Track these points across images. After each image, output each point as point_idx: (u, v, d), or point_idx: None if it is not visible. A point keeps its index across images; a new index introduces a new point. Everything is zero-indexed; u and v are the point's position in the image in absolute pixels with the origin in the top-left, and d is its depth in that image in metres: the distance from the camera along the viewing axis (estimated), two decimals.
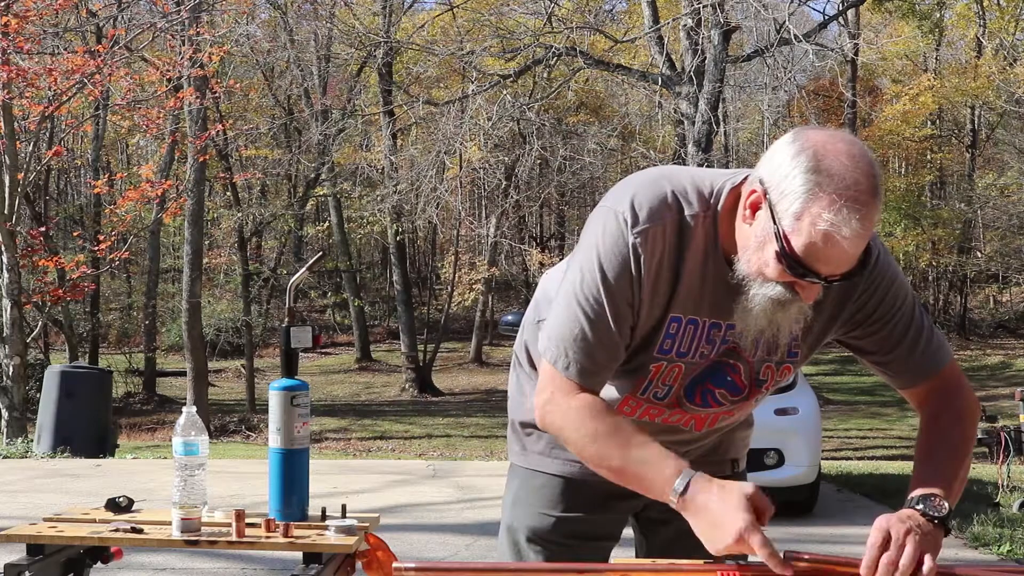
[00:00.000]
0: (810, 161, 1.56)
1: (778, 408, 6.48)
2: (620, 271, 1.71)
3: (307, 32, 23.50)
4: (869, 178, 1.55)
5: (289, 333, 2.71)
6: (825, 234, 1.54)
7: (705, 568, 1.58)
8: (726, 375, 1.85)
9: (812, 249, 1.56)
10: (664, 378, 1.84)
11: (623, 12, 25.31)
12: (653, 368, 1.82)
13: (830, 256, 1.57)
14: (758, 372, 1.86)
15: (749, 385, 1.87)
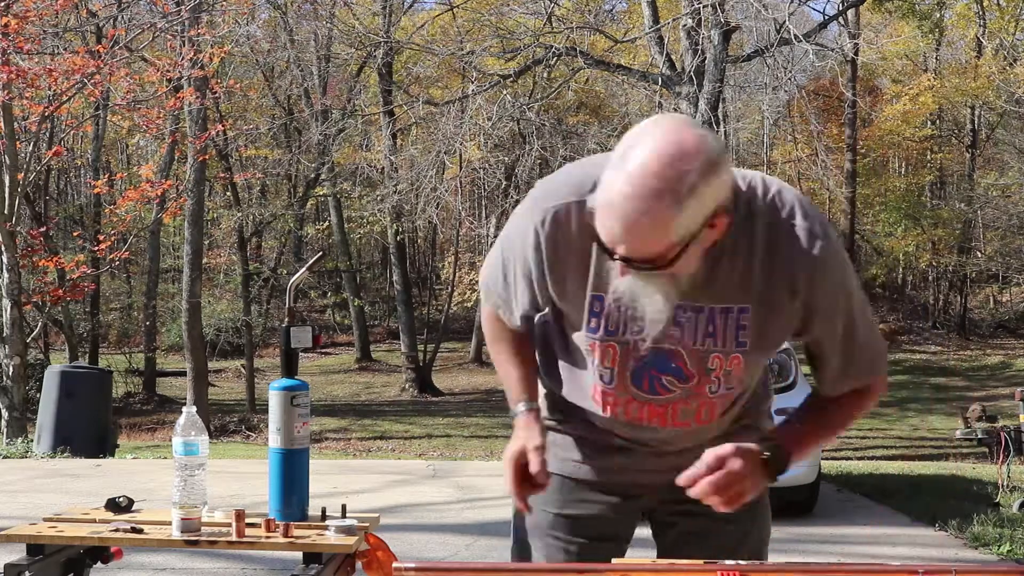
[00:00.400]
0: (628, 142, 1.66)
1: (778, 408, 6.45)
2: (521, 245, 1.88)
3: (307, 32, 23.49)
4: (658, 177, 1.60)
5: (289, 333, 2.73)
6: (607, 206, 1.64)
7: (705, 568, 1.59)
8: (670, 361, 1.87)
9: (602, 219, 1.66)
10: (603, 358, 1.89)
11: (623, 12, 25.34)
12: (589, 347, 1.90)
13: (610, 230, 1.65)
14: (706, 360, 1.86)
15: (697, 373, 1.87)
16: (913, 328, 30.49)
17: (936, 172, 33.49)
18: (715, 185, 1.63)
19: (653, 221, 1.61)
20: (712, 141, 1.65)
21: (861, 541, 5.91)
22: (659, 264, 1.67)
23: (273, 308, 28.63)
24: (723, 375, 1.88)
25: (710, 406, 1.93)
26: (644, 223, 1.61)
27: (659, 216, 1.60)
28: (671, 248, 1.65)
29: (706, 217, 1.65)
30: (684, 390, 1.89)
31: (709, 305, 1.81)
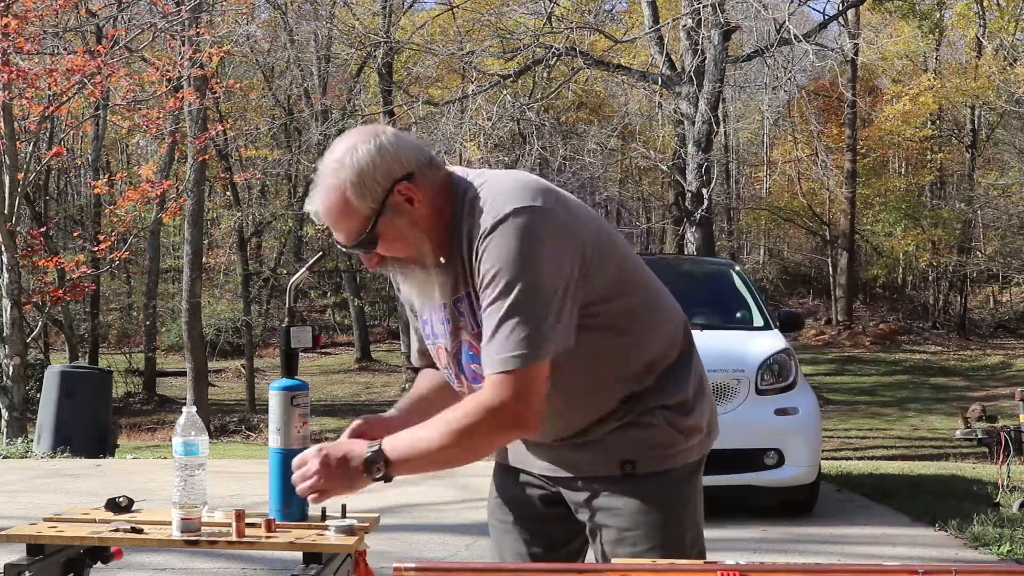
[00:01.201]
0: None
1: (778, 408, 6.47)
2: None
3: (307, 32, 23.49)
4: (330, 163, 1.96)
5: (289, 333, 2.76)
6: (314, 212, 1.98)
7: (705, 568, 1.59)
8: (468, 351, 2.02)
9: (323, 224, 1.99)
10: (440, 360, 2.11)
11: (623, 12, 25.33)
12: (432, 351, 2.14)
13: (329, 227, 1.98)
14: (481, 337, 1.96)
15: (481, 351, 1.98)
16: (913, 328, 30.50)
17: (936, 172, 33.49)
18: (383, 156, 1.92)
19: (330, 193, 1.94)
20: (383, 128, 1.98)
21: (861, 541, 5.91)
22: (366, 240, 1.94)
23: (273, 308, 28.62)
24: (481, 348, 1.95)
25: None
26: (329, 201, 1.94)
27: (332, 190, 1.93)
28: (364, 222, 1.93)
29: (382, 186, 1.92)
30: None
31: (464, 291, 1.98)
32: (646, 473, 2.04)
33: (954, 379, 25.25)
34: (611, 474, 2.04)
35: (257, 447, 17.89)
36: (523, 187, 1.92)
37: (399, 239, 1.95)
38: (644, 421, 2.04)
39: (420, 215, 1.94)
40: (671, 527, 2.06)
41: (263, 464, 8.94)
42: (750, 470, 6.37)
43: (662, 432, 2.04)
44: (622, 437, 2.04)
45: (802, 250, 37.01)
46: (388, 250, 1.96)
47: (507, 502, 2.23)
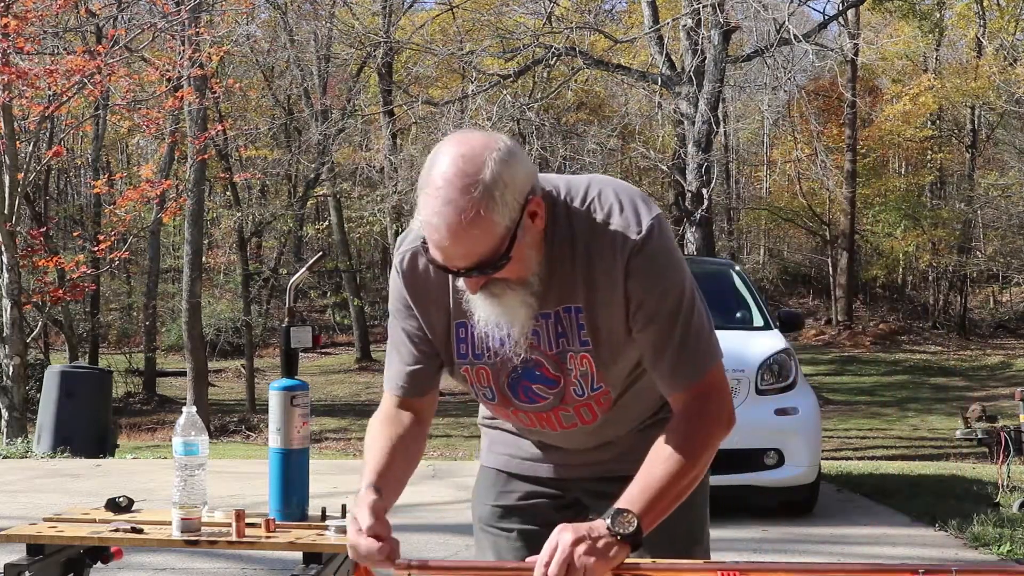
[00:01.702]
0: (425, 168, 1.74)
1: (778, 408, 6.47)
2: (395, 296, 1.98)
3: (307, 32, 23.48)
4: (460, 176, 1.68)
5: (289, 333, 2.73)
6: (427, 227, 1.72)
7: (705, 568, 1.59)
8: (534, 370, 1.94)
9: (430, 243, 1.74)
10: (479, 380, 1.97)
11: (623, 12, 25.34)
12: (464, 373, 1.97)
13: (440, 246, 1.72)
14: (564, 362, 1.92)
15: (560, 376, 1.93)
16: (913, 328, 30.49)
17: (936, 172, 33.49)
18: (514, 168, 1.72)
19: (468, 216, 1.68)
20: (500, 136, 1.76)
21: (861, 541, 5.91)
22: (497, 262, 1.73)
23: (273, 308, 28.59)
24: (580, 375, 1.92)
25: (586, 407, 1.97)
26: (462, 220, 1.68)
27: (471, 209, 1.68)
28: (500, 242, 1.72)
29: (518, 202, 1.72)
30: (554, 395, 1.95)
31: (554, 309, 1.88)
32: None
33: (954, 379, 25.25)
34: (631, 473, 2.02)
35: (257, 447, 17.88)
36: (634, 193, 1.88)
37: (520, 260, 1.77)
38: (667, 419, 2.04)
39: (539, 231, 1.80)
40: (696, 523, 2.08)
41: (263, 464, 8.95)
42: (750, 470, 6.37)
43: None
44: (648, 436, 2.01)
45: (802, 250, 37.01)
46: (508, 273, 1.78)
47: (511, 511, 2.14)
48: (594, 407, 1.97)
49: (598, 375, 1.91)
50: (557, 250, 1.84)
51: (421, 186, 1.74)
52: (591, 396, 1.94)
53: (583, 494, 2.11)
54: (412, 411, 2.00)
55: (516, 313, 1.83)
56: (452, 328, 1.95)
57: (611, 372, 1.93)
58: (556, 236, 1.83)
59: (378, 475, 1.85)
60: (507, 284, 1.80)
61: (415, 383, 1.99)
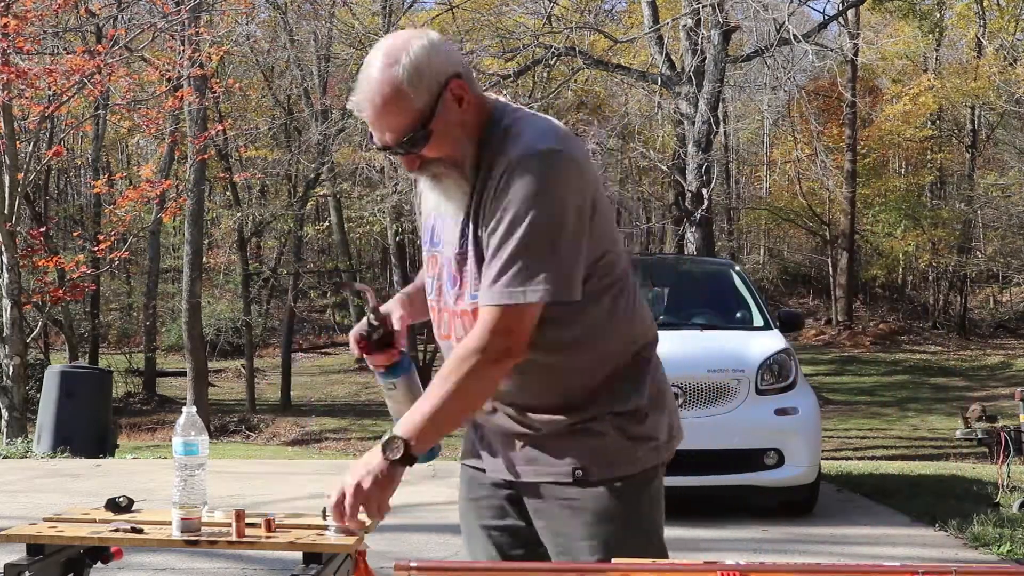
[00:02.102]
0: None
1: (778, 408, 6.47)
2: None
3: (307, 32, 23.48)
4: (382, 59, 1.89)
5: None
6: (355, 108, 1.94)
7: (705, 568, 1.59)
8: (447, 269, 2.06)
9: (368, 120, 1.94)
10: (430, 269, 2.12)
11: (623, 12, 25.34)
12: (429, 261, 2.13)
13: (369, 123, 1.93)
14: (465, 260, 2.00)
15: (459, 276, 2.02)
16: (913, 328, 30.50)
17: (936, 172, 33.49)
18: (435, 54, 1.90)
19: (385, 90, 1.88)
20: (430, 32, 1.96)
21: (861, 541, 5.91)
22: (419, 134, 1.90)
23: (273, 308, 28.62)
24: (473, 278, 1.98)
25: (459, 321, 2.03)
26: (381, 92, 1.88)
27: (388, 84, 1.88)
28: (420, 115, 1.89)
29: (437, 82, 1.90)
30: (453, 295, 2.04)
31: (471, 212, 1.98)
32: (598, 481, 2.04)
33: (954, 379, 25.26)
34: (564, 480, 2.05)
35: (257, 447, 17.89)
36: (555, 130, 1.98)
37: (447, 137, 1.92)
38: (594, 429, 2.04)
39: (467, 118, 1.94)
40: (625, 535, 2.05)
41: (263, 464, 8.96)
42: (750, 470, 6.38)
43: (612, 440, 2.04)
44: (573, 444, 2.04)
45: (802, 250, 37.02)
46: (433, 150, 1.93)
47: (476, 506, 2.23)
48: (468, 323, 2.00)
49: (475, 284, 1.97)
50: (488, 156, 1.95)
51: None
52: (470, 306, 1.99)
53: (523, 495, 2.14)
54: None
55: (452, 194, 1.98)
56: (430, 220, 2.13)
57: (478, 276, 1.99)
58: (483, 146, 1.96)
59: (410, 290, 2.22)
60: (442, 164, 1.95)
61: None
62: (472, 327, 1.96)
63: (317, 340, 33.26)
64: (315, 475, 9.25)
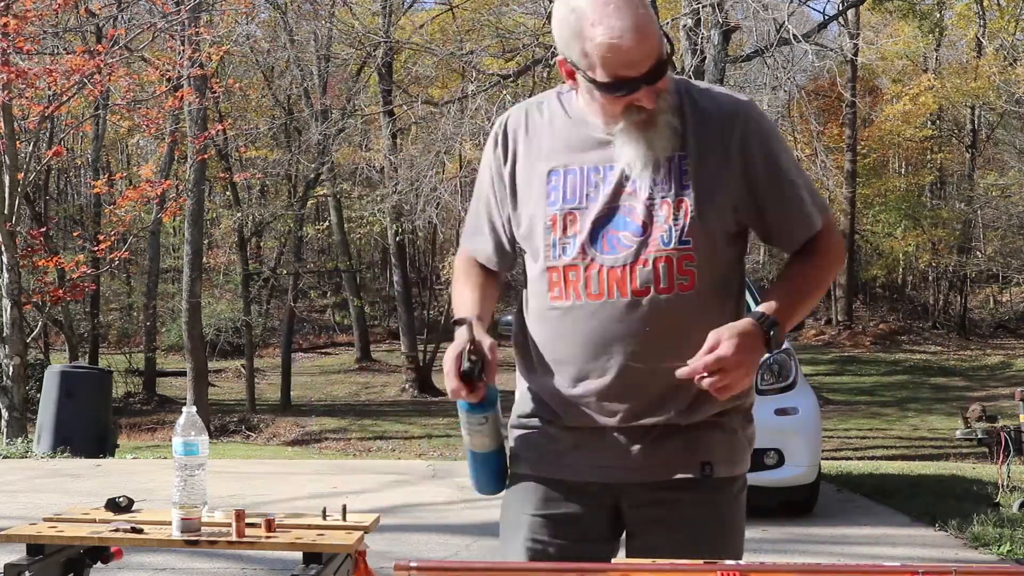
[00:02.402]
0: (564, 10, 1.86)
1: (778, 408, 6.47)
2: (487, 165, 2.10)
3: (307, 32, 23.48)
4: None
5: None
6: (606, 46, 1.81)
7: (705, 568, 1.59)
8: (623, 216, 1.95)
9: (609, 64, 1.82)
10: (565, 230, 1.97)
11: None
12: (550, 221, 1.98)
13: (624, 60, 1.82)
14: (654, 209, 1.93)
15: (649, 222, 1.93)
16: (913, 328, 30.50)
17: (936, 172, 33.49)
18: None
19: (640, 9, 1.83)
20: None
21: (861, 541, 5.91)
22: (665, 62, 1.85)
23: (273, 308, 28.61)
24: (672, 220, 1.92)
25: (665, 264, 1.91)
26: (640, 16, 1.83)
27: (641, 5, 1.84)
28: (659, 40, 1.86)
29: (660, 26, 1.88)
30: (638, 243, 1.93)
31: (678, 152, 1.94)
32: (720, 478, 2.02)
33: (954, 379, 25.26)
34: (689, 476, 1.98)
35: (257, 447, 17.89)
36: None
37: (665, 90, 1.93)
38: (726, 425, 2.05)
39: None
40: (733, 536, 2.04)
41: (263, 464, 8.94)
42: (750, 470, 6.35)
43: (738, 440, 2.10)
44: (703, 436, 2.01)
45: None
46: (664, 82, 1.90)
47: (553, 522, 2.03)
48: (673, 268, 1.92)
49: (690, 227, 1.91)
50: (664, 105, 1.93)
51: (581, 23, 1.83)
52: (674, 250, 1.91)
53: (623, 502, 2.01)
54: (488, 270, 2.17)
55: (665, 137, 1.92)
56: (545, 176, 2.00)
57: (703, 230, 1.93)
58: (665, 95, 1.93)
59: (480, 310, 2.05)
60: (664, 99, 1.91)
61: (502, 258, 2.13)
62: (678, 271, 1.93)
63: (317, 340, 33.27)
64: (315, 475, 9.25)
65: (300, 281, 29.04)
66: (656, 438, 1.98)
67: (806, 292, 2.00)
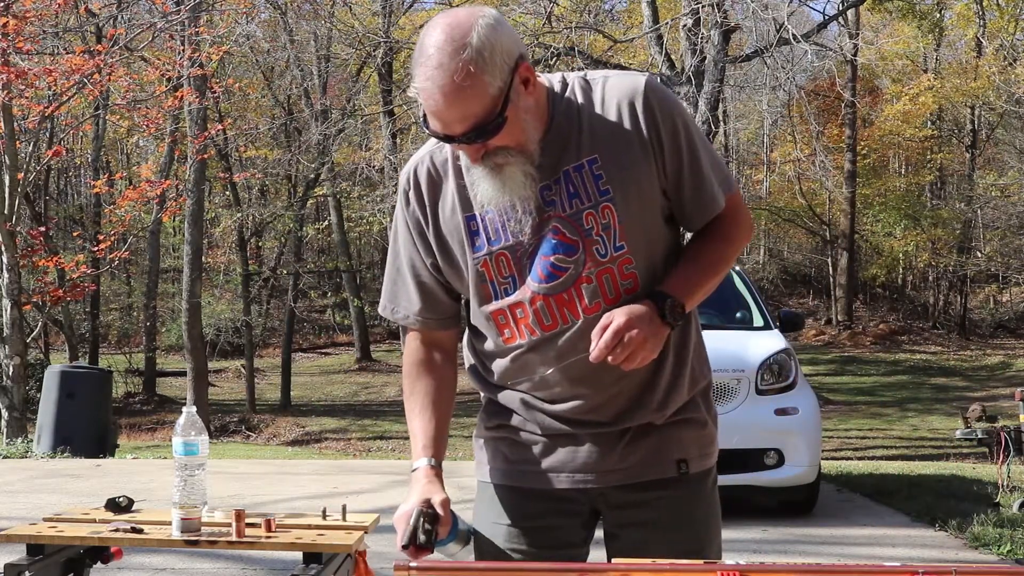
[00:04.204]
0: (417, 45, 1.80)
1: (778, 408, 6.48)
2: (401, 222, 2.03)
3: (307, 32, 23.48)
4: (449, 42, 1.74)
5: None
6: (423, 95, 1.77)
7: (705, 568, 1.59)
8: (551, 240, 1.91)
9: (428, 113, 1.80)
10: (500, 271, 1.94)
11: (623, 12, 25.33)
12: (483, 268, 1.95)
13: (434, 114, 1.78)
14: (580, 221, 1.89)
15: (579, 238, 1.90)
16: (913, 328, 30.49)
17: (936, 172, 33.49)
18: (501, 33, 1.78)
19: (460, 76, 1.73)
20: (486, 8, 1.83)
21: (861, 541, 5.91)
22: (493, 123, 1.77)
23: (273, 308, 28.60)
24: (602, 230, 1.89)
25: (608, 276, 1.90)
26: (454, 80, 1.73)
27: (462, 69, 1.73)
28: (493, 103, 1.77)
29: (508, 64, 1.77)
30: (575, 262, 1.90)
31: (564, 168, 1.89)
32: (695, 473, 2.01)
33: (954, 379, 25.26)
34: (666, 476, 1.99)
35: (257, 447, 17.89)
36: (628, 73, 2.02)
37: (516, 125, 1.82)
38: (696, 418, 2.02)
39: (531, 101, 1.84)
40: (712, 531, 2.04)
41: (263, 464, 8.93)
42: (750, 470, 6.38)
43: (709, 432, 2.05)
44: (676, 434, 2.00)
45: (802, 250, 37.02)
46: (503, 138, 1.82)
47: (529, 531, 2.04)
48: (616, 277, 1.90)
49: (620, 230, 1.89)
50: (561, 120, 1.89)
51: (414, 61, 1.79)
52: (613, 259, 1.90)
53: (602, 505, 2.03)
54: (439, 347, 2.08)
55: (518, 183, 1.86)
56: (464, 224, 1.95)
57: (633, 228, 1.90)
58: (559, 108, 1.90)
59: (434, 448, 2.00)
60: (508, 153, 1.84)
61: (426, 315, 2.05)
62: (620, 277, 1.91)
63: (317, 340, 33.26)
64: (315, 475, 9.25)
65: (300, 281, 29.04)
66: (631, 440, 1.98)
67: (706, 268, 1.96)
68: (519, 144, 1.84)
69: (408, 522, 1.88)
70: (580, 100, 1.91)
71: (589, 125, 1.89)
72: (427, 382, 2.06)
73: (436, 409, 2.03)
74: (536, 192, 1.88)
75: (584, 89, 1.92)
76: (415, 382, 2.06)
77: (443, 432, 2.03)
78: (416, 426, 2.02)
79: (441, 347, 2.09)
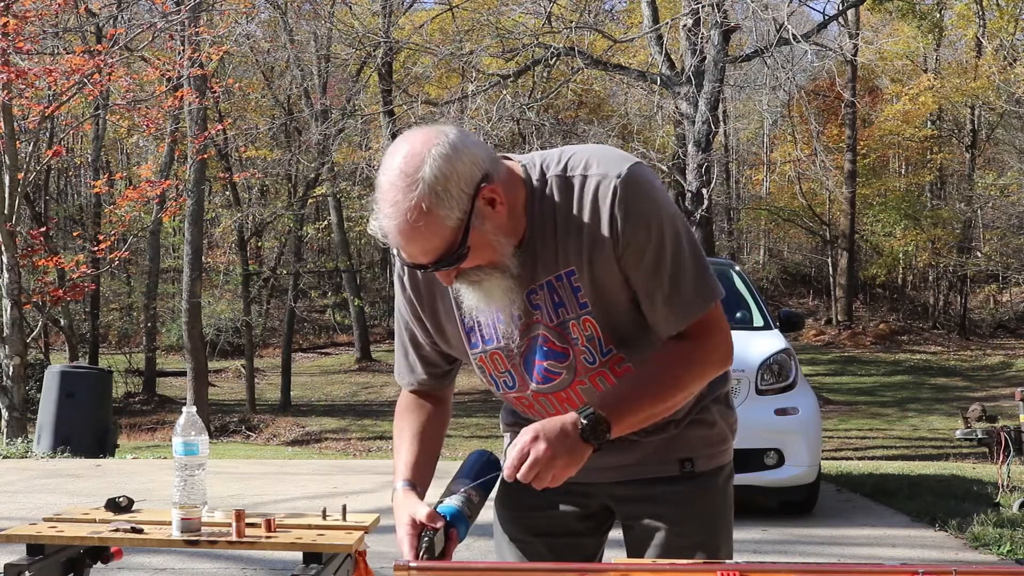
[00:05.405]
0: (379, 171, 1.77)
1: (778, 408, 6.48)
2: (401, 304, 2.03)
3: (307, 32, 23.48)
4: (401, 177, 1.70)
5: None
6: (382, 232, 1.75)
7: (705, 568, 1.59)
8: (542, 346, 1.92)
9: (395, 252, 1.80)
10: (496, 368, 1.98)
11: (622, 12, 25.33)
12: (481, 363, 1.99)
13: (397, 247, 1.77)
14: (567, 331, 1.90)
15: (567, 346, 1.91)
16: (913, 328, 30.50)
17: (936, 172, 33.49)
18: (456, 161, 1.72)
19: (413, 215, 1.70)
20: (444, 130, 1.76)
21: (861, 542, 5.91)
22: (455, 254, 1.75)
23: (273, 308, 28.60)
24: (587, 342, 1.89)
25: (602, 376, 1.92)
26: (408, 220, 1.70)
27: (414, 208, 1.70)
28: (454, 234, 1.73)
29: (466, 193, 1.72)
30: (566, 368, 1.92)
31: (547, 278, 1.87)
32: (702, 471, 2.04)
33: (954, 379, 25.26)
34: (670, 474, 2.02)
35: (257, 447, 17.89)
36: (609, 148, 1.90)
37: (485, 246, 1.78)
38: (705, 419, 2.04)
39: (502, 220, 1.79)
40: (720, 527, 2.06)
41: (263, 464, 8.94)
42: (750, 470, 6.37)
43: (718, 430, 2.06)
44: (683, 434, 2.03)
45: (802, 250, 37.02)
46: (473, 260, 1.79)
47: (535, 520, 2.10)
48: (610, 376, 1.93)
49: (605, 338, 1.90)
50: (540, 221, 1.85)
51: (376, 187, 1.77)
52: (604, 363, 1.91)
53: (609, 499, 2.08)
54: (433, 396, 2.10)
55: (496, 297, 1.85)
56: (459, 322, 1.96)
57: (617, 332, 1.90)
58: (538, 210, 1.85)
59: (413, 474, 1.98)
60: (481, 271, 1.82)
61: (430, 380, 2.08)
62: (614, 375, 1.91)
63: (317, 340, 33.26)
64: (315, 475, 9.25)
65: (300, 281, 29.03)
66: (637, 439, 2.00)
67: (653, 393, 1.85)
68: (491, 262, 1.81)
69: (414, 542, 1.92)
70: (558, 200, 1.84)
71: (565, 233, 1.84)
72: (415, 418, 2.07)
73: (421, 441, 2.03)
74: (523, 297, 1.88)
75: (561, 189, 1.84)
76: (403, 420, 2.08)
77: (425, 459, 2.01)
78: (398, 458, 2.02)
79: (435, 396, 2.12)
